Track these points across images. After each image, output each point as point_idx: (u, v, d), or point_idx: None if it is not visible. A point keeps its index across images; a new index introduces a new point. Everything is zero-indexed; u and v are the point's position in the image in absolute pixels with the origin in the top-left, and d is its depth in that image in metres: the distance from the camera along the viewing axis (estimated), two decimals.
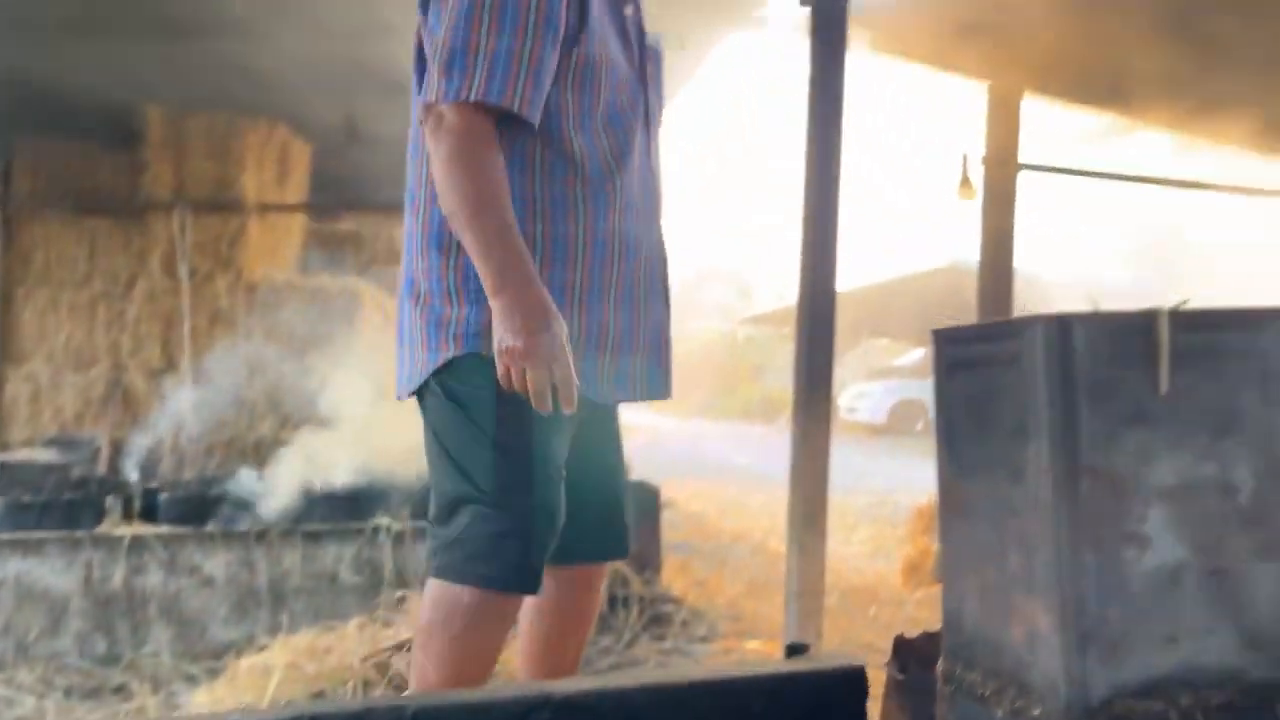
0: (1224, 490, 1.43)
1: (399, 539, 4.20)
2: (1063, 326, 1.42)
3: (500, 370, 1.59)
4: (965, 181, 5.20)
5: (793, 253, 4.08)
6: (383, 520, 4.25)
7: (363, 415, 6.44)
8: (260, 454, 5.86)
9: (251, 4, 5.10)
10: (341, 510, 4.44)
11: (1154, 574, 1.41)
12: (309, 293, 7.36)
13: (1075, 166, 5.65)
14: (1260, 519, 1.44)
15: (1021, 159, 5.33)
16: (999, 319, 1.72)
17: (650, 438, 16.27)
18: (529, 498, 1.71)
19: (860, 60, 5.06)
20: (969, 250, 6.00)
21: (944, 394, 1.67)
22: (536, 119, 1.67)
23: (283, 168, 7.58)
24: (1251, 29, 4.05)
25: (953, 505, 1.66)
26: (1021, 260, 5.50)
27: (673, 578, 4.87)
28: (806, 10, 4.20)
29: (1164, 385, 1.41)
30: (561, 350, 1.58)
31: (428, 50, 1.69)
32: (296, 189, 7.81)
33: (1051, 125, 6.02)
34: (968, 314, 6.13)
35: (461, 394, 1.72)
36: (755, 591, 5.33)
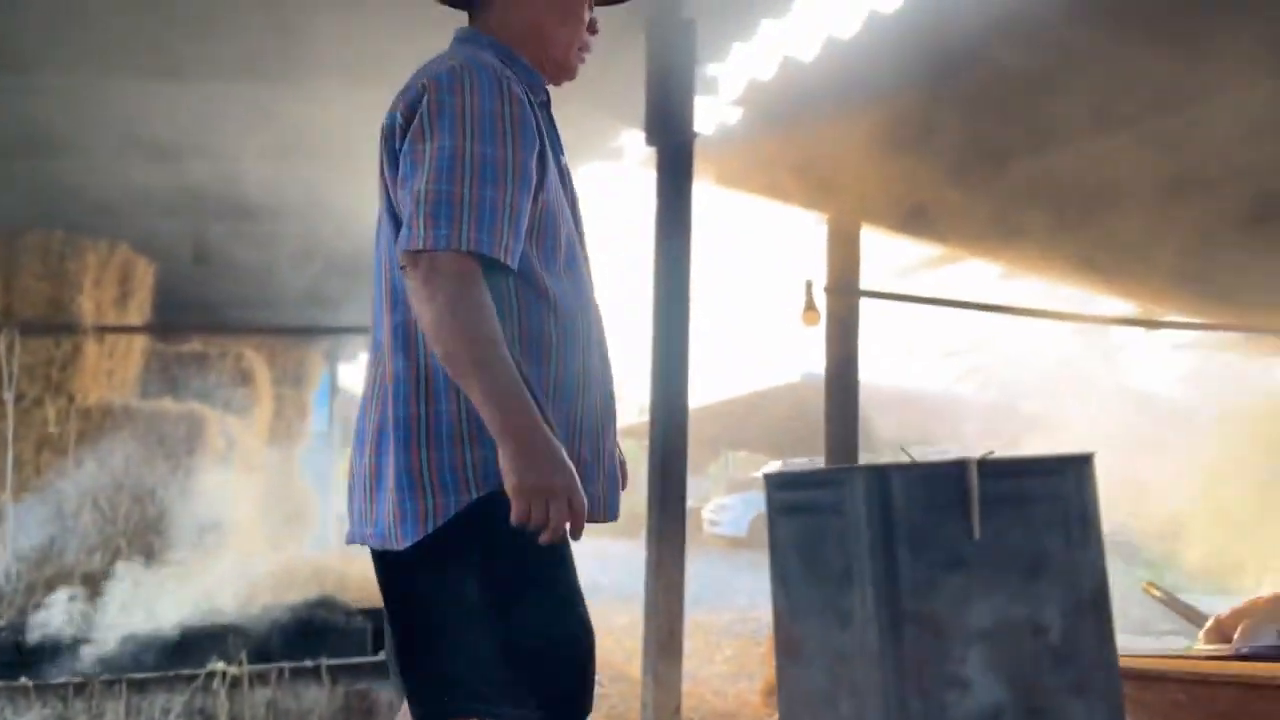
0: (1036, 630, 1.50)
1: (235, 685, 3.95)
2: (881, 477, 1.48)
3: (520, 507, 1.60)
4: (810, 307, 5.42)
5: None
6: (218, 665, 4.00)
7: (202, 549, 6.12)
8: (88, 593, 5.46)
9: (77, 126, 4.99)
10: (174, 654, 4.16)
11: (976, 716, 1.45)
12: (149, 418, 7.02)
13: (911, 293, 5.97)
14: (1070, 657, 1.51)
15: (864, 284, 5.62)
16: (825, 468, 1.79)
17: None
18: (585, 620, 1.76)
19: (707, 192, 5.29)
20: (820, 365, 6.24)
21: (776, 537, 1.71)
22: (516, 266, 1.72)
23: (124, 288, 7.29)
24: (1046, 171, 4.45)
25: (787, 649, 1.68)
26: (868, 374, 5.75)
27: None
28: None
29: (977, 531, 1.48)
30: (577, 483, 1.63)
31: (400, 198, 1.71)
32: (139, 310, 7.51)
33: (892, 254, 6.39)
34: (819, 428, 6.30)
35: (509, 532, 1.68)
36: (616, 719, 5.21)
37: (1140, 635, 7.68)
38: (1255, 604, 2.77)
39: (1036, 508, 1.51)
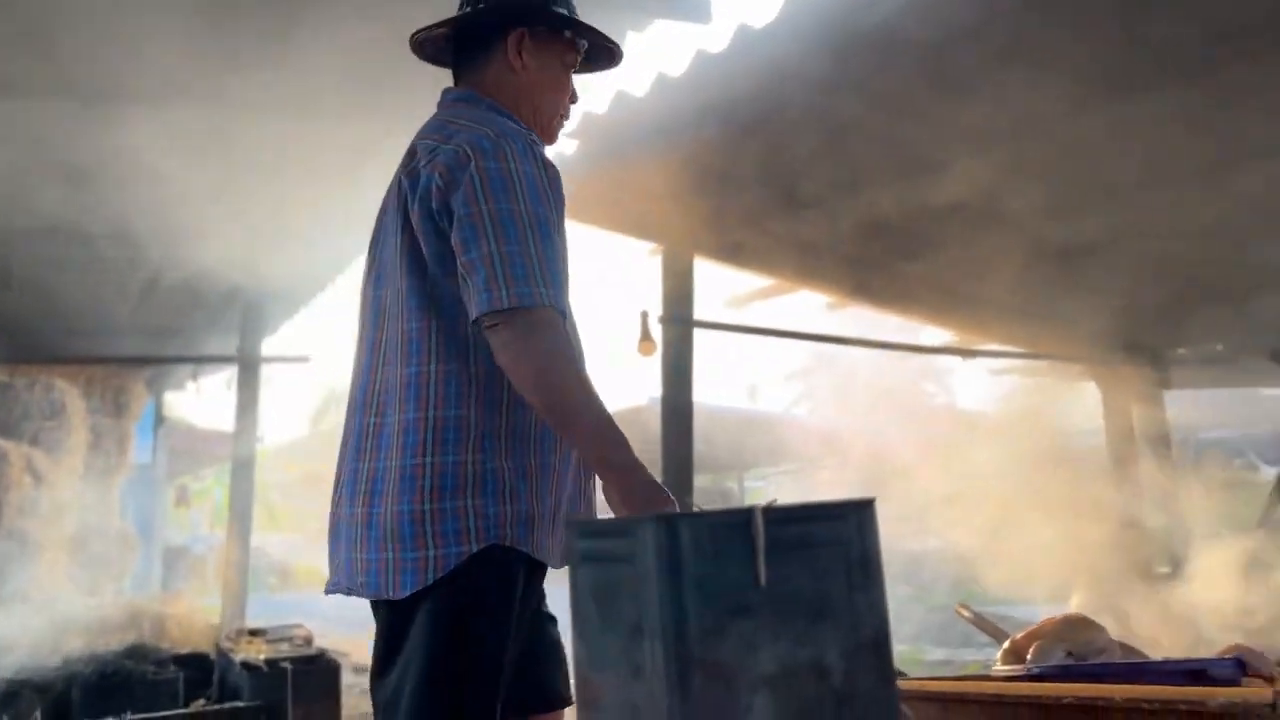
0: (820, 674, 1.54)
1: None
2: (670, 526, 1.50)
3: None
4: (645, 337, 5.47)
5: None
6: None
7: (2, 597, 5.70)
8: None
9: None
10: None
11: None
12: None
13: (743, 323, 6.12)
14: (852, 698, 1.55)
15: (698, 314, 5.71)
16: (617, 518, 1.80)
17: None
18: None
19: None
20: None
21: (576, 586, 1.70)
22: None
23: None
24: (854, 212, 4.65)
25: (587, 700, 1.67)
26: (710, 399, 5.85)
27: None
28: None
29: (763, 578, 1.51)
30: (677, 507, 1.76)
31: (464, 262, 1.76)
32: None
33: (725, 284, 6.53)
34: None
35: (491, 586, 1.79)
36: None
37: (963, 648, 8.07)
38: (1046, 625, 2.92)
39: (821, 553, 1.56)
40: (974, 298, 5.25)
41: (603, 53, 2.13)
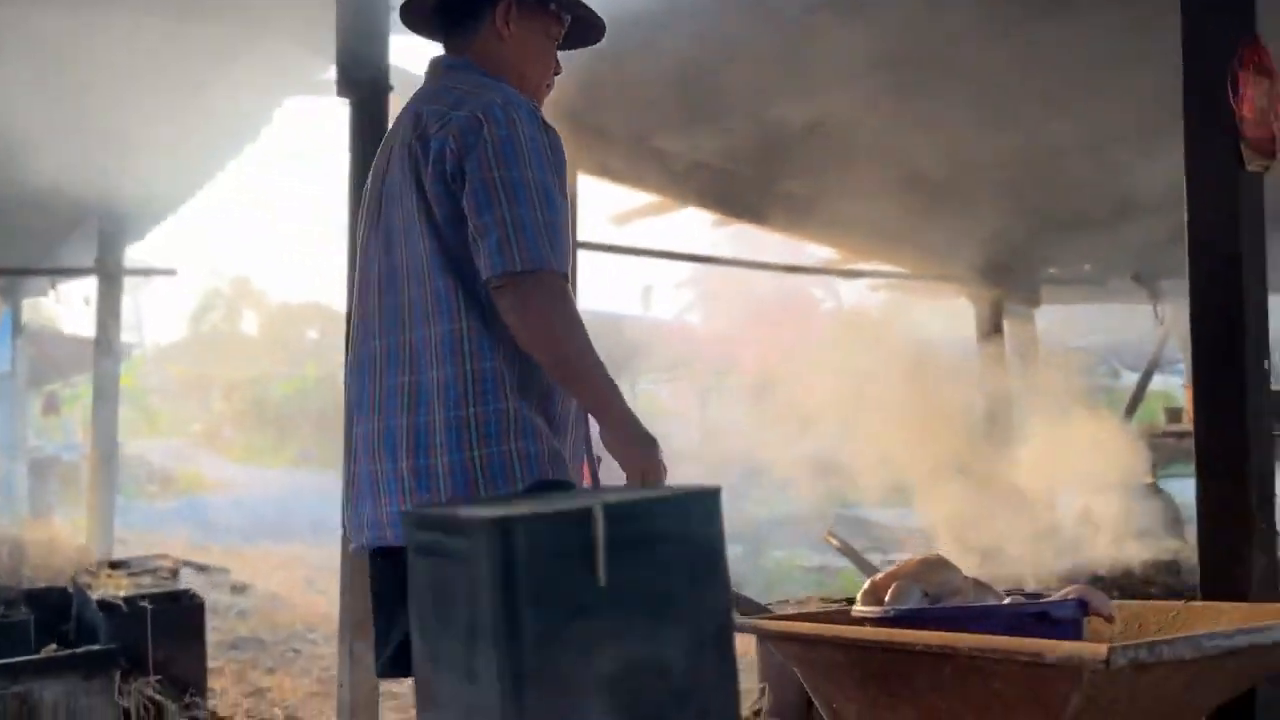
0: (661, 672, 1.52)
1: None
2: (505, 530, 1.43)
3: (633, 480, 1.87)
4: None
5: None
6: None
7: None
8: None
9: None
10: None
11: None
12: None
13: (627, 245, 6.04)
14: (692, 693, 1.54)
15: (583, 234, 5.60)
16: (452, 512, 1.73)
17: (232, 494, 14.88)
18: None
19: None
20: None
21: (414, 579, 1.64)
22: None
23: None
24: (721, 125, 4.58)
25: (426, 697, 1.63)
26: (597, 302, 5.77)
27: (228, 688, 4.49)
28: None
29: (602, 578, 1.47)
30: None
31: (476, 224, 1.87)
32: None
33: (611, 202, 6.42)
34: None
35: None
36: (327, 685, 5.07)
37: (839, 556, 8.34)
38: (904, 566, 2.98)
39: (663, 548, 1.52)
40: (846, 219, 5.27)
41: (586, 28, 2.21)
